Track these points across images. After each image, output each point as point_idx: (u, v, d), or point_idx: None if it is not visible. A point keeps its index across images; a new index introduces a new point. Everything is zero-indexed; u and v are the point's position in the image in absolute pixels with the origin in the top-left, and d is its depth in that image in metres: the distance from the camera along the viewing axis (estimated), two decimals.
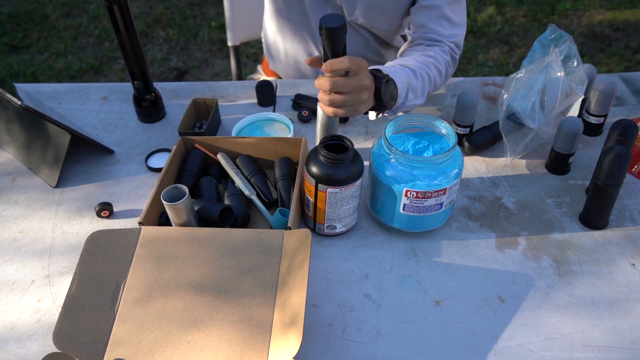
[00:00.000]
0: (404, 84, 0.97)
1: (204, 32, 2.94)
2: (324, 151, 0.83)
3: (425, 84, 1.03)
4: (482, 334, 0.79)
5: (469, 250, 0.91)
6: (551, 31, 1.08)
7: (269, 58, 1.43)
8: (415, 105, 1.03)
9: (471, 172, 1.05)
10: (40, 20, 3.05)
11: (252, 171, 0.98)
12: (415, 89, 1.00)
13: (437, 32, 1.10)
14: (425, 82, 1.03)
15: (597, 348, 0.77)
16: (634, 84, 1.26)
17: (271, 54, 1.40)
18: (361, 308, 0.82)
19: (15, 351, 0.78)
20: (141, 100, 1.15)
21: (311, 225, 0.93)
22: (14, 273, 0.89)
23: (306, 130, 1.15)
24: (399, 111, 1.02)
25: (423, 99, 1.04)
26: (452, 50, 1.12)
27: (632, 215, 0.96)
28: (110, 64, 2.76)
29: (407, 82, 0.98)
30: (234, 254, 0.80)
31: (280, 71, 1.42)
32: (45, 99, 1.24)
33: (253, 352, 0.70)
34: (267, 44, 1.41)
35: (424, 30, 1.11)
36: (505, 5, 3.09)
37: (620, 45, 2.78)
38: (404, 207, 0.87)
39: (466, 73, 2.67)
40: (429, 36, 1.10)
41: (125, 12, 1.02)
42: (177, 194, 0.84)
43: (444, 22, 1.09)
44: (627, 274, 0.87)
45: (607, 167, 0.85)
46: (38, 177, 1.05)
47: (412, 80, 0.99)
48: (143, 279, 0.78)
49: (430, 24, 1.09)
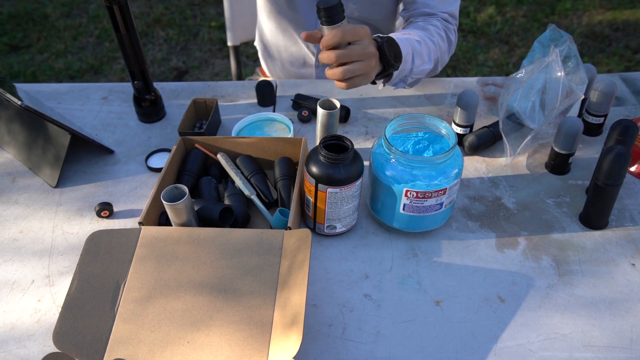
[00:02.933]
0: (408, 49, 0.95)
1: (204, 32, 2.94)
2: (324, 151, 0.83)
3: (431, 49, 1.02)
4: (482, 334, 0.79)
5: (469, 250, 0.91)
6: (551, 31, 1.08)
7: (266, 61, 1.43)
8: (425, 70, 1.01)
9: (471, 172, 1.05)
10: (40, 20, 3.05)
11: (252, 171, 0.98)
12: (421, 53, 0.99)
13: (428, 6, 1.10)
14: (430, 47, 1.02)
15: (597, 348, 0.77)
16: (634, 84, 1.26)
17: (268, 54, 1.40)
18: (361, 308, 0.82)
19: (15, 351, 0.78)
20: (141, 100, 1.15)
21: (311, 225, 0.93)
22: (14, 273, 0.89)
23: (306, 130, 1.15)
24: (409, 80, 1.00)
25: (431, 63, 1.02)
26: (448, 20, 1.12)
27: (632, 215, 0.96)
28: (110, 64, 2.76)
29: (410, 47, 0.96)
30: (234, 254, 0.80)
31: (277, 73, 1.42)
32: (45, 99, 1.24)
33: (253, 352, 0.70)
34: (263, 45, 1.41)
35: (415, 6, 1.11)
36: (505, 5, 3.09)
37: (620, 45, 2.78)
38: (404, 207, 0.87)
39: (466, 73, 2.67)
40: (422, 10, 1.10)
41: (125, 12, 1.02)
42: (177, 194, 0.84)
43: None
44: (627, 274, 0.87)
45: (607, 167, 0.85)
46: (38, 177, 1.05)
47: (415, 46, 0.98)
48: (143, 279, 0.78)
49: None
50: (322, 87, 1.27)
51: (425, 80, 1.27)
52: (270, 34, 1.34)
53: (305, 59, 1.33)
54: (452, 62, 2.72)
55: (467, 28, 2.93)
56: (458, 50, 2.78)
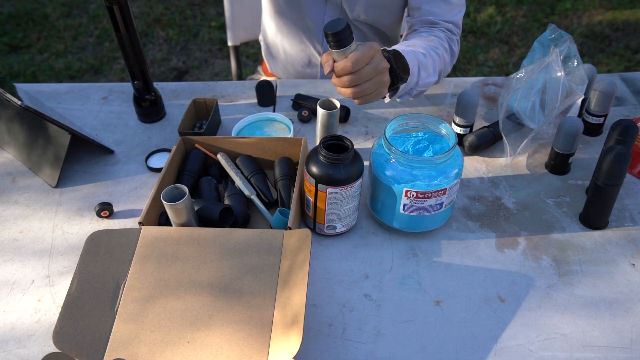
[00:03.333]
0: (414, 62, 0.96)
1: (204, 32, 2.94)
2: (324, 151, 0.83)
3: (435, 61, 1.03)
4: (482, 334, 0.79)
5: (469, 250, 0.91)
6: (551, 31, 1.08)
7: (269, 59, 1.43)
8: (430, 83, 1.02)
9: (471, 172, 1.05)
10: (40, 20, 3.05)
11: (252, 171, 0.98)
12: (426, 65, 0.99)
13: (433, 14, 1.10)
14: (435, 59, 1.03)
15: (597, 348, 0.77)
16: (634, 84, 1.26)
17: (271, 54, 1.40)
18: (361, 308, 0.82)
19: (15, 351, 0.78)
20: (141, 100, 1.15)
21: (311, 225, 0.93)
22: (14, 273, 0.89)
23: (306, 130, 1.15)
24: (414, 92, 1.01)
25: (436, 76, 1.03)
26: (451, 31, 1.12)
27: (632, 215, 0.96)
28: (110, 64, 2.76)
29: (416, 60, 0.97)
30: (234, 254, 0.80)
31: (280, 72, 1.42)
32: (45, 99, 1.24)
33: (253, 352, 0.70)
34: (266, 44, 1.41)
35: (420, 13, 1.11)
36: (505, 5, 3.09)
37: (620, 45, 2.78)
38: (404, 207, 0.87)
39: (466, 73, 2.67)
40: (426, 19, 1.10)
41: (125, 12, 1.02)
42: (177, 194, 0.84)
43: (439, 2, 1.10)
44: (627, 274, 0.87)
45: (607, 167, 0.86)
46: (38, 177, 1.05)
47: (420, 58, 0.98)
48: (143, 278, 0.78)
49: (425, 5, 1.10)
50: (323, 87, 1.27)
51: None
52: (273, 33, 1.34)
53: (310, 58, 1.33)
54: None
55: (467, 28, 2.93)
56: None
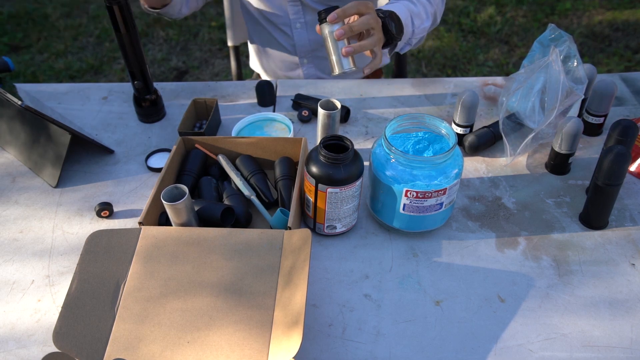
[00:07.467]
0: (406, 14, 1.00)
1: (204, 32, 2.94)
2: (324, 151, 0.83)
3: (426, 6, 1.06)
4: (482, 334, 0.79)
5: (469, 250, 0.91)
6: (551, 31, 1.08)
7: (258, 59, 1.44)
8: (426, 28, 1.05)
9: (471, 172, 1.05)
10: (40, 20, 3.05)
11: (252, 171, 0.98)
12: (419, 13, 1.03)
13: None
14: (425, 4, 1.06)
15: (597, 348, 0.77)
16: (634, 84, 1.26)
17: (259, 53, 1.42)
18: (361, 308, 0.82)
19: (15, 351, 0.78)
20: (141, 100, 1.15)
21: (311, 225, 0.93)
22: (14, 273, 0.89)
23: (306, 130, 1.15)
24: (413, 41, 1.05)
25: (429, 20, 1.07)
26: None
27: (632, 215, 0.96)
28: (110, 64, 2.76)
29: (407, 11, 1.01)
30: (234, 254, 0.80)
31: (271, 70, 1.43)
32: (45, 99, 1.24)
33: (253, 352, 0.70)
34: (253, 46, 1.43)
35: None
36: (505, 5, 3.09)
37: (620, 45, 2.78)
38: (404, 207, 0.87)
39: (466, 73, 2.67)
40: None
41: (125, 12, 1.02)
42: (177, 194, 0.84)
43: None
44: (627, 274, 0.87)
45: (607, 167, 0.86)
46: (38, 177, 1.05)
47: (411, 8, 1.03)
48: (143, 278, 0.78)
49: None
50: (323, 87, 1.27)
51: (425, 80, 1.28)
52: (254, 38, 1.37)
53: (290, 59, 1.35)
54: (452, 62, 2.72)
55: (467, 28, 2.93)
56: (458, 50, 2.78)
